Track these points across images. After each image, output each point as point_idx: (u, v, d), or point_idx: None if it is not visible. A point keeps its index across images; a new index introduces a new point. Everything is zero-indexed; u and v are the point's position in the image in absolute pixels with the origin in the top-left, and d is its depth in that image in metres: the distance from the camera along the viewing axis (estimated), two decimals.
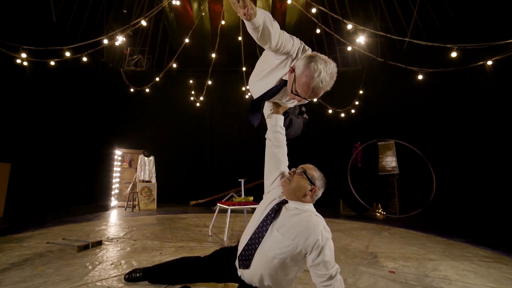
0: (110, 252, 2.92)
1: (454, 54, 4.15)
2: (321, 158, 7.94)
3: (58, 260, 2.55)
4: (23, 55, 4.53)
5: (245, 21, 1.04)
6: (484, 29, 5.13)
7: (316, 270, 1.28)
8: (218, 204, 3.90)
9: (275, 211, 1.39)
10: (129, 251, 2.99)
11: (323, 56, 1.21)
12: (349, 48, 6.12)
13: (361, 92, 7.86)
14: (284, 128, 1.61)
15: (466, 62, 4.85)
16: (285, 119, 1.66)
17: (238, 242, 1.63)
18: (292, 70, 1.24)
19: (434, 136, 6.29)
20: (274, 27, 1.12)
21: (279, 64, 1.33)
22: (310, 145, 7.86)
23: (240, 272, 1.47)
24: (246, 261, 1.38)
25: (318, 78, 1.15)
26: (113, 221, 5.02)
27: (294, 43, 1.25)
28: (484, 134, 5.46)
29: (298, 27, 8.31)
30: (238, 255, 1.47)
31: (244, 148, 8.36)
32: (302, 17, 8.08)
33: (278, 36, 1.16)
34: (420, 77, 5.13)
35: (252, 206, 3.68)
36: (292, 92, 1.24)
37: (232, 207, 3.58)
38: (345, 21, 4.33)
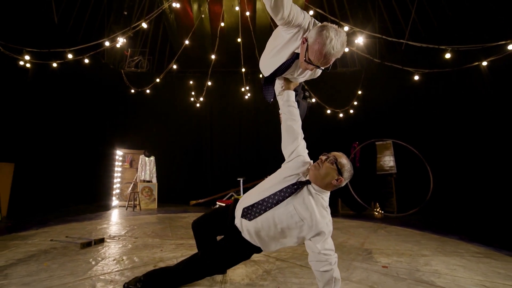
0: (112, 249, 3.01)
1: (448, 55, 4.23)
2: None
3: (62, 256, 2.64)
4: (26, 57, 4.62)
5: None
6: (484, 29, 5.20)
7: (316, 255, 1.43)
8: (217, 202, 3.98)
9: (297, 188, 1.47)
10: (131, 248, 3.07)
11: (334, 25, 1.29)
12: (347, 50, 6.19)
13: (359, 92, 7.95)
14: (296, 102, 1.73)
15: (462, 63, 4.93)
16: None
17: (234, 199, 1.82)
18: (305, 40, 1.33)
19: (432, 135, 6.37)
20: None
21: (291, 38, 1.41)
22: (309, 145, 7.93)
23: (238, 220, 1.60)
24: (251, 215, 1.50)
25: (329, 45, 1.23)
26: (115, 220, 5.11)
27: (305, 16, 1.35)
28: (480, 134, 5.53)
29: None
30: (244, 206, 1.59)
31: (244, 148, 8.44)
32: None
33: (290, 6, 1.25)
34: (416, 77, 5.21)
35: None
36: (305, 60, 1.32)
37: None
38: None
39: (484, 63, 4.73)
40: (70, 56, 4.83)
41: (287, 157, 1.73)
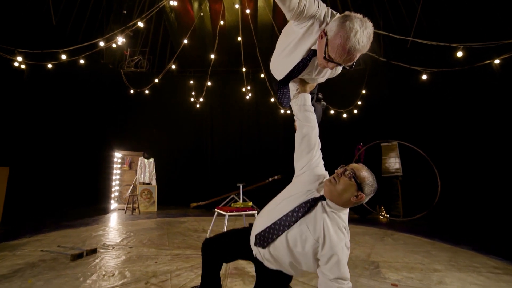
0: (104, 261, 2.85)
1: (460, 54, 3.99)
2: (323, 159, 7.82)
3: (49, 271, 2.49)
4: (20, 58, 4.48)
5: None
6: (491, 25, 4.96)
7: (327, 282, 1.23)
8: (216, 210, 3.82)
9: (310, 206, 1.30)
10: (124, 260, 2.91)
11: (358, 14, 1.09)
12: None
13: (363, 91, 7.71)
14: (312, 107, 1.53)
15: (472, 61, 4.69)
16: None
17: (249, 224, 1.57)
18: (324, 34, 1.14)
19: (439, 137, 6.14)
20: None
21: (305, 32, 1.22)
22: None
23: (255, 250, 1.43)
24: (264, 242, 1.34)
25: (354, 38, 1.04)
26: (112, 225, 4.97)
27: (320, 5, 1.17)
28: (491, 135, 5.30)
29: None
30: (256, 233, 1.41)
31: (245, 149, 8.26)
32: None
33: None
34: (424, 77, 4.97)
35: (250, 212, 3.58)
36: (325, 57, 1.13)
37: (230, 213, 3.49)
38: None
39: (497, 61, 4.49)
40: (64, 57, 4.68)
41: (299, 169, 1.50)
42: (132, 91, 7.55)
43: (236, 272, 2.60)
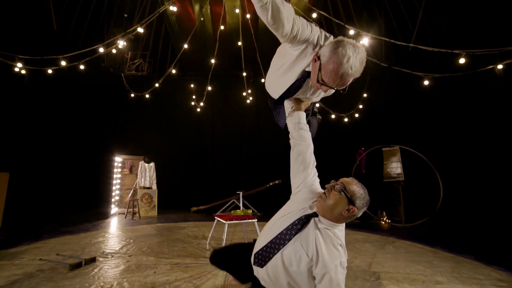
0: (103, 271, 2.83)
1: (462, 61, 3.95)
2: (324, 164, 7.76)
3: (47, 282, 2.47)
4: (19, 64, 4.49)
5: None
6: (494, 29, 4.92)
7: None
8: (216, 217, 3.79)
9: (303, 223, 1.29)
10: (123, 270, 2.89)
11: (351, 40, 1.12)
12: None
13: (365, 95, 7.67)
14: (307, 125, 1.55)
15: (474, 66, 4.65)
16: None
17: (254, 239, 1.57)
18: (317, 58, 1.16)
19: (441, 142, 6.10)
20: (286, 7, 1.07)
21: (299, 55, 1.24)
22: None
23: (255, 269, 1.42)
24: (262, 261, 1.34)
25: (347, 64, 1.07)
26: (112, 231, 4.95)
27: (313, 29, 1.19)
28: (493, 140, 5.25)
29: None
30: (255, 251, 1.41)
31: (246, 153, 8.24)
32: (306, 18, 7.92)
33: (293, 20, 1.11)
34: (426, 82, 4.93)
35: (250, 220, 3.55)
36: (318, 81, 1.16)
37: (230, 221, 3.46)
38: (347, 26, 4.17)
39: (500, 66, 4.44)
40: (63, 63, 4.68)
41: (296, 187, 1.50)
42: (132, 95, 7.55)
43: (236, 284, 2.57)
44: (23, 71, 4.82)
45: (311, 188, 1.45)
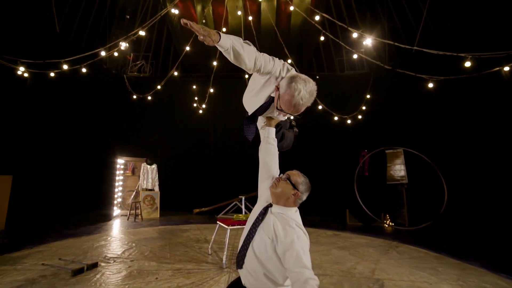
0: (105, 277, 2.83)
1: (468, 64, 3.88)
2: (327, 166, 7.74)
3: None
4: (22, 68, 4.49)
5: (215, 45, 1.23)
6: (499, 29, 4.84)
7: (290, 275, 1.32)
8: (218, 222, 3.77)
9: (262, 215, 1.50)
10: (124, 276, 2.88)
11: (303, 76, 1.35)
12: (355, 56, 5.90)
13: (368, 96, 7.61)
14: (276, 140, 1.74)
15: (480, 68, 4.57)
16: (277, 132, 1.79)
17: None
18: (277, 89, 1.39)
19: (446, 144, 6.02)
20: (246, 49, 1.29)
21: (265, 83, 1.48)
22: (316, 153, 7.66)
23: (240, 274, 1.53)
24: (241, 261, 1.49)
25: (298, 96, 1.29)
26: (114, 234, 4.96)
27: (275, 64, 1.40)
28: (499, 142, 5.18)
29: (304, 29, 8.10)
30: (236, 256, 1.57)
31: (248, 154, 8.21)
32: (308, 19, 7.88)
33: (255, 58, 1.32)
34: (430, 85, 4.87)
35: None
36: (277, 108, 1.40)
37: (232, 226, 3.44)
38: (350, 29, 4.12)
39: (506, 68, 4.37)
40: (65, 67, 4.68)
41: (261, 193, 1.70)
42: (135, 97, 7.54)
43: None
44: (25, 74, 4.82)
45: None
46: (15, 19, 5.20)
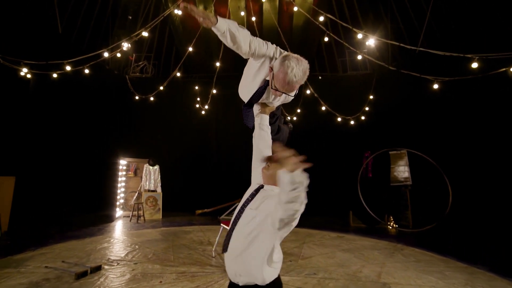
0: (108, 280, 2.80)
1: (475, 65, 3.84)
2: (330, 168, 7.68)
3: None
4: (25, 69, 4.48)
5: (212, 28, 1.30)
6: (503, 30, 4.79)
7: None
8: (222, 224, 3.75)
9: (253, 195, 1.50)
10: (128, 279, 2.86)
11: (295, 55, 1.40)
12: (359, 57, 5.86)
13: (371, 97, 7.56)
14: (269, 127, 1.77)
15: (486, 69, 4.52)
16: (273, 124, 1.84)
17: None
18: (271, 69, 1.45)
19: (450, 145, 5.97)
20: (241, 32, 1.37)
21: (260, 66, 1.53)
22: (319, 154, 7.62)
23: (226, 265, 1.44)
24: (227, 242, 1.43)
25: (291, 73, 1.33)
26: (117, 236, 4.94)
27: (268, 47, 1.47)
28: (505, 144, 5.13)
29: (306, 29, 8.07)
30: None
31: (251, 155, 8.15)
32: (310, 19, 7.85)
33: (250, 41, 1.39)
34: (435, 86, 4.82)
35: None
36: (272, 87, 1.44)
37: None
38: (355, 30, 4.08)
39: None
40: (68, 68, 4.66)
41: (254, 179, 1.69)
42: (137, 97, 7.52)
43: None
44: (28, 75, 4.80)
45: None
46: (18, 20, 5.19)
